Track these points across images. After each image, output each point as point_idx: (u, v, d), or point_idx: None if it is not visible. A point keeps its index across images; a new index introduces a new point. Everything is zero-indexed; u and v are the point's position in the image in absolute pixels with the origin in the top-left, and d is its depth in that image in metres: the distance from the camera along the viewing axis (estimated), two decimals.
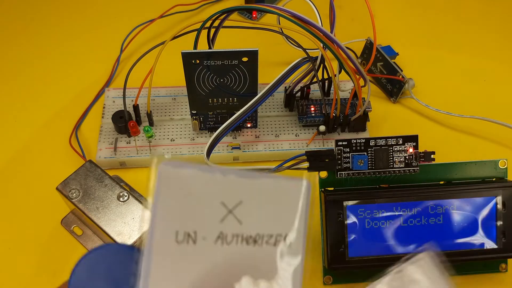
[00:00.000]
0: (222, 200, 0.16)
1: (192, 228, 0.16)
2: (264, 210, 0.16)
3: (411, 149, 0.31)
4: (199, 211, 0.16)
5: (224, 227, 0.16)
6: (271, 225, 0.16)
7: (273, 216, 0.16)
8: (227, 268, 0.16)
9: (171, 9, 0.47)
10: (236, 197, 0.16)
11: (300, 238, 0.16)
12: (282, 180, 0.17)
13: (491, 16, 0.51)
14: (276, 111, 0.40)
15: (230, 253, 0.16)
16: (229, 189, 0.16)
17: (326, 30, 0.31)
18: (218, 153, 0.38)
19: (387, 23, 0.49)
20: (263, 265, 0.16)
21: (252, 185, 0.16)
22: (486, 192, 0.30)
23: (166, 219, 0.16)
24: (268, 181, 0.17)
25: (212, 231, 0.16)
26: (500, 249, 0.30)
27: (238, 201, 0.16)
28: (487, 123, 0.40)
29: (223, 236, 0.16)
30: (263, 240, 0.16)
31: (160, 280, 0.16)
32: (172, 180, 0.16)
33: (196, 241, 0.16)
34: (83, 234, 0.34)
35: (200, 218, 0.16)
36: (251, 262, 0.16)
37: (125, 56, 0.45)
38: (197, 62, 0.33)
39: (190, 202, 0.16)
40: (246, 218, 0.16)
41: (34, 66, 0.45)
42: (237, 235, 0.16)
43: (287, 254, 0.16)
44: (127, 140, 0.38)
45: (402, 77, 0.41)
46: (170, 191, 0.16)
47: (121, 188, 0.32)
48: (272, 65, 0.44)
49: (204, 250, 0.16)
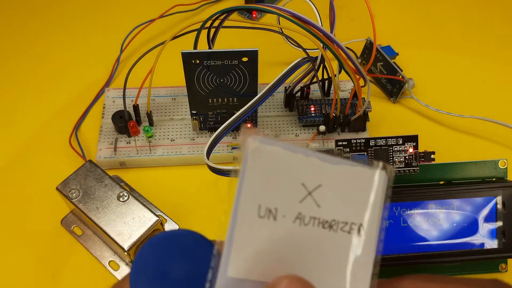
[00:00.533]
0: (303, 181, 0.16)
1: (273, 205, 0.16)
2: (341, 196, 0.17)
3: (411, 149, 0.31)
4: (281, 188, 0.16)
5: (303, 208, 0.16)
6: (346, 212, 0.17)
7: (349, 204, 0.17)
8: (300, 248, 0.16)
9: (171, 9, 0.47)
10: (316, 180, 0.17)
11: (373, 230, 0.17)
12: (359, 167, 0.17)
13: (491, 16, 0.51)
14: (276, 111, 0.40)
15: (307, 234, 0.16)
16: (310, 171, 0.17)
17: (326, 30, 0.31)
18: (218, 153, 0.38)
19: (387, 23, 0.49)
20: (335, 251, 0.16)
21: (332, 170, 0.17)
22: (486, 192, 0.30)
23: (251, 192, 0.16)
24: (347, 167, 0.17)
25: (292, 210, 0.16)
26: (500, 249, 0.30)
27: (318, 184, 0.16)
28: (487, 123, 0.40)
29: (301, 217, 0.16)
30: (338, 227, 0.16)
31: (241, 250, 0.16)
32: (259, 154, 0.16)
33: (277, 218, 0.16)
34: (83, 234, 0.34)
35: (281, 195, 0.16)
36: (324, 246, 0.16)
37: (125, 56, 0.45)
38: (197, 62, 0.33)
39: (273, 179, 0.16)
40: (324, 202, 0.16)
41: (34, 66, 0.45)
42: (314, 217, 0.16)
43: (359, 244, 0.16)
44: (127, 140, 0.38)
45: (402, 77, 0.41)
46: (256, 165, 0.16)
47: (121, 188, 0.32)
48: (272, 65, 0.44)
49: (283, 228, 0.16)
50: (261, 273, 0.16)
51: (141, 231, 0.30)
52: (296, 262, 0.16)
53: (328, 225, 0.16)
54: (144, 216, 0.31)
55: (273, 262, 0.16)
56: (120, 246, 0.30)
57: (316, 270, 0.16)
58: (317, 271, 0.16)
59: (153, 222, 0.31)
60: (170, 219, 0.35)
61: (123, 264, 0.33)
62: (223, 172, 0.31)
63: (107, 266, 0.33)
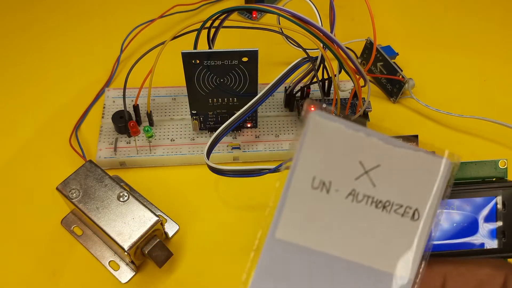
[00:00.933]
0: (361, 159, 0.17)
1: (328, 178, 0.17)
2: (399, 179, 0.17)
3: None
4: (337, 164, 0.17)
5: (358, 185, 0.17)
6: (403, 195, 0.17)
7: (407, 188, 0.17)
8: (350, 222, 0.17)
9: (171, 9, 0.47)
10: (375, 160, 0.17)
11: (430, 217, 0.17)
12: (422, 153, 0.17)
13: (491, 16, 0.51)
14: (276, 111, 0.40)
15: (358, 211, 0.17)
16: (369, 150, 0.17)
17: (326, 30, 0.31)
18: (218, 153, 0.38)
19: (387, 23, 0.49)
20: (385, 231, 0.17)
21: (393, 152, 0.17)
22: (486, 192, 0.30)
23: (308, 163, 0.17)
24: (409, 152, 0.17)
25: (346, 185, 0.17)
26: (500, 249, 0.30)
27: (376, 164, 0.17)
28: (487, 123, 0.40)
29: (355, 194, 0.17)
30: (392, 208, 0.17)
31: (291, 215, 0.17)
32: (319, 128, 0.17)
33: (329, 191, 0.17)
34: (83, 234, 0.34)
35: (337, 171, 0.17)
36: (374, 225, 0.17)
37: (125, 56, 0.45)
38: (197, 62, 0.33)
39: (331, 154, 0.17)
40: (380, 182, 0.17)
41: (34, 66, 0.45)
42: (368, 196, 0.17)
43: (412, 228, 0.17)
44: (127, 140, 0.38)
45: (402, 77, 0.41)
46: (315, 138, 0.17)
47: (121, 188, 0.32)
48: (272, 65, 0.44)
49: (335, 201, 0.17)
50: (307, 239, 0.17)
51: (141, 231, 0.30)
52: (344, 236, 0.17)
53: (382, 205, 0.17)
54: (144, 216, 0.31)
55: (321, 232, 0.17)
56: (120, 246, 0.30)
57: (362, 246, 0.17)
58: (364, 247, 0.17)
59: (153, 222, 0.31)
60: (170, 219, 0.35)
61: (123, 264, 0.33)
62: (223, 172, 0.31)
63: (107, 266, 0.33)
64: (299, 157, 0.17)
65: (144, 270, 0.33)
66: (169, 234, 0.34)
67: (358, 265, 0.16)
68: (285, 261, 0.17)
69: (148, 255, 0.31)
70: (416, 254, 0.16)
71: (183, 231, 0.35)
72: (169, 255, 0.31)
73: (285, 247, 0.17)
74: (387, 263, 0.16)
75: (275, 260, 0.17)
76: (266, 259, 0.17)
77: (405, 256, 0.16)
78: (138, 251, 0.31)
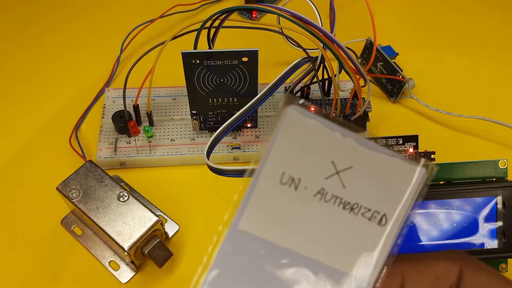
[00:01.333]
0: (333, 159, 0.17)
1: (298, 175, 0.17)
2: (371, 183, 0.17)
3: (411, 149, 0.31)
4: (309, 161, 0.17)
5: (327, 184, 0.16)
6: (373, 199, 0.16)
7: (378, 192, 0.17)
8: (315, 221, 0.17)
9: (171, 9, 0.47)
10: (348, 161, 0.17)
11: (397, 223, 0.16)
12: (398, 159, 0.17)
13: (491, 16, 0.51)
14: (276, 111, 0.40)
15: (324, 210, 0.17)
16: (343, 151, 0.17)
17: (326, 30, 0.31)
18: (218, 153, 0.38)
19: (387, 23, 0.49)
20: (349, 233, 0.16)
21: (367, 155, 0.17)
22: (486, 192, 0.30)
23: (278, 157, 0.17)
24: (384, 156, 0.17)
25: (315, 184, 0.17)
26: (500, 249, 0.30)
27: (349, 165, 0.17)
28: (487, 123, 0.40)
29: (324, 193, 0.17)
30: (360, 211, 0.16)
31: (256, 207, 0.17)
32: (295, 124, 0.17)
33: (298, 188, 0.17)
34: (83, 234, 0.34)
35: (308, 168, 0.17)
36: (340, 226, 0.17)
37: (125, 56, 0.45)
38: (197, 62, 0.33)
39: (303, 150, 0.17)
40: (351, 184, 0.16)
41: (34, 66, 0.45)
42: (337, 196, 0.16)
43: (377, 233, 0.16)
44: (127, 140, 0.38)
45: (402, 77, 0.41)
46: (289, 133, 0.17)
47: (121, 188, 0.32)
48: (272, 65, 0.44)
49: (302, 198, 0.17)
50: (270, 233, 0.16)
51: (141, 231, 0.30)
52: (308, 233, 0.16)
53: (350, 207, 0.16)
54: (144, 216, 0.31)
55: (285, 227, 0.16)
56: (120, 246, 0.30)
57: (325, 245, 0.16)
58: (327, 247, 0.16)
59: (153, 222, 0.31)
60: (170, 219, 0.35)
61: (123, 264, 0.33)
62: (223, 172, 0.31)
63: (107, 266, 0.33)
64: (270, 150, 0.17)
65: (144, 270, 0.33)
66: (169, 234, 0.34)
67: (319, 263, 0.16)
68: (244, 252, 0.17)
69: (148, 255, 0.31)
70: (379, 258, 0.16)
71: (183, 231, 0.35)
72: (169, 255, 0.31)
73: (246, 238, 0.16)
74: (348, 265, 0.16)
75: (235, 250, 0.17)
76: (226, 247, 0.17)
77: (367, 260, 0.16)
78: (138, 251, 0.31)
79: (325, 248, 0.16)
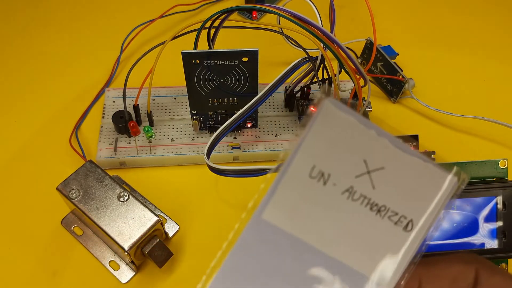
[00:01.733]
0: (366, 158, 0.16)
1: (328, 170, 0.16)
2: (401, 186, 0.16)
3: None
4: (341, 157, 0.16)
5: (357, 183, 0.16)
6: (401, 203, 0.16)
7: (407, 196, 0.16)
8: (340, 219, 0.16)
9: (171, 9, 0.47)
10: (381, 162, 0.16)
11: (423, 230, 0.16)
12: (430, 165, 0.16)
13: (491, 16, 0.51)
14: (276, 111, 0.40)
15: (351, 209, 0.16)
16: (377, 150, 0.16)
17: (326, 30, 0.31)
18: (218, 153, 0.38)
19: (387, 23, 0.49)
20: (374, 236, 0.16)
21: (401, 157, 0.16)
22: (486, 192, 0.30)
23: (310, 150, 0.16)
24: (417, 160, 0.16)
25: (344, 181, 0.16)
26: (500, 249, 0.30)
27: (381, 166, 0.16)
28: (487, 123, 0.40)
29: (352, 191, 0.16)
30: (387, 214, 0.16)
31: (282, 199, 0.16)
32: (330, 117, 0.16)
33: (326, 183, 0.16)
34: (83, 234, 0.34)
35: (339, 164, 0.16)
36: (365, 227, 0.16)
37: (125, 56, 0.45)
38: (197, 62, 0.33)
39: (336, 146, 0.16)
40: (381, 186, 0.16)
41: (34, 66, 0.45)
42: (365, 196, 0.16)
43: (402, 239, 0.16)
44: (127, 140, 0.38)
45: (402, 77, 0.41)
46: (324, 127, 0.16)
47: (121, 188, 0.32)
48: (272, 65, 0.44)
49: (330, 195, 0.16)
50: (293, 226, 0.16)
51: (142, 231, 0.30)
52: (331, 230, 0.16)
53: (377, 209, 0.16)
54: (144, 216, 0.31)
55: (309, 222, 0.16)
56: (120, 246, 0.30)
57: (347, 245, 0.16)
58: (349, 246, 0.16)
59: (153, 222, 0.31)
60: (170, 219, 0.35)
61: (123, 264, 0.33)
62: (223, 172, 0.31)
63: (107, 266, 0.33)
64: (303, 141, 0.16)
65: (144, 270, 0.33)
66: (169, 234, 0.34)
67: (340, 263, 0.16)
68: (266, 242, 0.16)
69: (148, 255, 0.31)
70: (400, 264, 0.16)
71: (183, 231, 0.35)
72: (169, 255, 0.31)
73: (269, 228, 0.16)
74: (369, 268, 0.16)
75: (256, 239, 0.16)
76: (248, 236, 0.16)
77: (388, 265, 0.16)
78: (138, 251, 0.31)
79: (348, 248, 0.16)
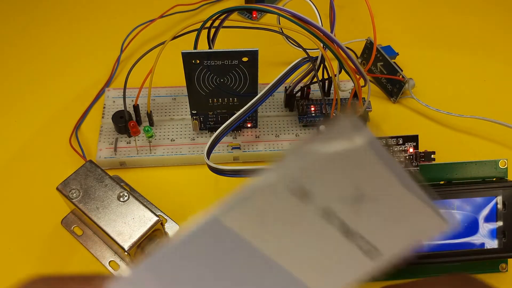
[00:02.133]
0: (361, 184, 0.14)
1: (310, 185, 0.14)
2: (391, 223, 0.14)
3: (411, 149, 0.31)
4: (331, 174, 0.14)
5: (338, 206, 0.14)
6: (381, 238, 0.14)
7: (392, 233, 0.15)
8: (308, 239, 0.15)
9: (171, 9, 0.47)
10: (377, 193, 0.14)
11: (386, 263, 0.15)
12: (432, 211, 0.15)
13: (491, 16, 0.51)
14: (276, 111, 0.40)
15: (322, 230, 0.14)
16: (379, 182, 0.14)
17: (326, 30, 0.31)
18: (218, 153, 0.38)
19: (387, 23, 0.49)
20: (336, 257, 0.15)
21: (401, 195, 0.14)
22: (486, 192, 0.30)
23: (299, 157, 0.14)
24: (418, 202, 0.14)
25: (325, 200, 0.14)
26: (500, 249, 0.30)
27: (375, 197, 0.14)
28: (487, 123, 0.40)
29: (329, 213, 0.14)
30: (359, 243, 0.14)
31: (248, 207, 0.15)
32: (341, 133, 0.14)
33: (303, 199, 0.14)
34: (83, 234, 0.34)
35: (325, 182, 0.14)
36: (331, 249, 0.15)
37: (125, 56, 0.45)
38: (197, 62, 0.33)
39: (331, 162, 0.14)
40: (365, 216, 0.14)
41: (34, 66, 0.45)
42: (342, 221, 0.14)
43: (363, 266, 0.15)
44: (127, 140, 0.38)
45: (402, 77, 0.41)
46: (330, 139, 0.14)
47: (121, 188, 0.32)
48: (272, 65, 0.44)
49: (302, 211, 0.14)
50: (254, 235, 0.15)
51: (142, 231, 0.30)
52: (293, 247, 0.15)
53: (350, 235, 0.14)
54: (144, 216, 0.31)
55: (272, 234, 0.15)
56: (120, 246, 0.30)
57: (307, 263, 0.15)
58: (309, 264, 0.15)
59: (153, 222, 0.31)
60: (170, 219, 0.35)
61: (123, 264, 0.33)
62: (223, 172, 0.31)
63: (107, 266, 0.33)
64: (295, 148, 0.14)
65: None
66: (169, 234, 0.34)
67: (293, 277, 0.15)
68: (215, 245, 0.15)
69: (148, 255, 0.31)
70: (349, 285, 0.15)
71: None
72: None
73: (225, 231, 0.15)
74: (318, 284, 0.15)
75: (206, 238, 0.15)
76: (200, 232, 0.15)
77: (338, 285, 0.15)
78: (138, 251, 0.31)
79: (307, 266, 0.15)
